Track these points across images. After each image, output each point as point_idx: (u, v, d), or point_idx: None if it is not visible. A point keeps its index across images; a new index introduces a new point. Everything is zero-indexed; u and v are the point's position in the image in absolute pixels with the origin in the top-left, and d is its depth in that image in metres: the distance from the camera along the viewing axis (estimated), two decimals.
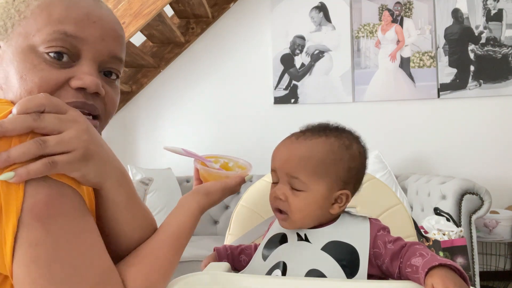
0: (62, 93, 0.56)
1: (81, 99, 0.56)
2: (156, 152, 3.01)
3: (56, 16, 0.55)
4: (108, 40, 0.59)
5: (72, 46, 0.56)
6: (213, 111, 3.02)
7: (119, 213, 0.56)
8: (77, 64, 0.57)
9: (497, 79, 2.74)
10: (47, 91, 0.53)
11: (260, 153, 2.96)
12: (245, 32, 3.02)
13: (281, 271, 0.66)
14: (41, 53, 0.55)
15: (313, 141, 0.69)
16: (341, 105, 2.88)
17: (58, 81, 0.55)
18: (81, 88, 0.56)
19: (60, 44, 0.55)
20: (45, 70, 0.55)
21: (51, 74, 0.55)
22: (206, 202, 0.69)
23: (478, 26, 2.78)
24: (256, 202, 0.98)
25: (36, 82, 0.54)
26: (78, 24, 0.56)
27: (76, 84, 0.56)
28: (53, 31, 0.55)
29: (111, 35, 0.59)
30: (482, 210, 1.98)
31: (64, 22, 0.55)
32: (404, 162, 2.79)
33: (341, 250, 0.65)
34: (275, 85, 2.95)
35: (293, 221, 0.68)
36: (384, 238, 0.66)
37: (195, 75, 3.05)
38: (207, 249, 2.13)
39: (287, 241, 0.71)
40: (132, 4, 2.31)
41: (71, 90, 0.56)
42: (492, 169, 2.70)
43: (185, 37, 3.01)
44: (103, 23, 0.59)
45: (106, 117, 0.62)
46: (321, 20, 2.94)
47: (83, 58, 0.57)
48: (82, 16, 0.56)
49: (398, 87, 2.84)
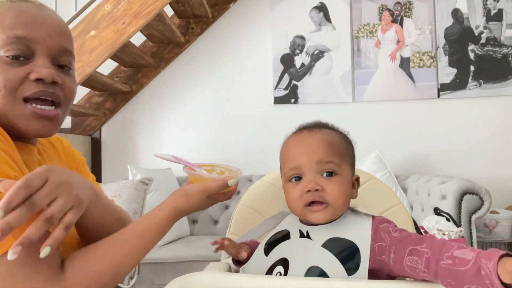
0: (25, 87, 0.65)
1: (41, 88, 0.66)
2: (156, 152, 3.01)
3: (7, 24, 0.65)
4: (55, 36, 0.68)
5: (26, 47, 0.65)
6: (213, 111, 3.02)
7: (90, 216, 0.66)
8: (33, 61, 0.66)
9: (497, 79, 2.74)
10: (11, 88, 0.64)
11: (260, 153, 2.97)
12: (245, 32, 3.02)
13: (283, 267, 0.66)
14: (1, 57, 0.64)
15: (325, 131, 0.72)
16: (341, 105, 2.88)
17: (19, 77, 0.65)
18: (39, 80, 0.65)
19: (15, 46, 0.64)
20: (7, 71, 0.64)
21: (12, 73, 0.64)
22: (185, 204, 0.69)
23: (478, 26, 2.78)
24: (256, 202, 0.99)
25: (1, 82, 0.64)
26: (27, 27, 0.66)
27: (34, 76, 0.65)
28: (7, 37, 0.64)
29: (57, 31, 0.69)
30: (482, 210, 1.98)
31: (15, 27, 0.65)
32: (404, 162, 2.79)
33: (341, 246, 0.65)
34: (275, 85, 2.95)
35: (334, 208, 0.67)
36: (387, 228, 0.66)
37: (195, 75, 3.05)
38: (207, 249, 2.13)
39: (289, 238, 0.71)
40: (132, 4, 2.31)
41: (32, 82, 0.65)
42: (492, 169, 2.70)
43: (185, 37, 3.01)
44: (48, 23, 0.68)
45: (66, 103, 0.72)
46: (321, 20, 2.94)
47: (37, 54, 0.67)
48: (29, 20, 0.66)
49: (398, 87, 2.84)
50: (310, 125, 0.75)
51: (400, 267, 0.61)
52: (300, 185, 0.69)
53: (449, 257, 0.56)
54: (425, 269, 0.58)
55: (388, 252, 0.62)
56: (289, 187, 0.71)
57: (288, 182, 0.71)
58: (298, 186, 0.69)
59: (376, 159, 2.50)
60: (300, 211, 0.69)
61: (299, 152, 0.70)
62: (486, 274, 0.51)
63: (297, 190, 0.69)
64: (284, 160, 0.73)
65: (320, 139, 0.70)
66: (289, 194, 0.70)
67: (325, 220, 0.68)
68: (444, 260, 0.56)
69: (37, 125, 0.67)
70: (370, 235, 0.65)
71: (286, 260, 0.67)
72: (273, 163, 1.97)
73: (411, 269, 0.60)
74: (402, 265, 0.60)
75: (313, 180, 0.67)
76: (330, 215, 0.68)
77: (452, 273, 0.55)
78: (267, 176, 1.02)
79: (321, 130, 0.72)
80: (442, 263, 0.56)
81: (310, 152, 0.69)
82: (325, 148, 0.69)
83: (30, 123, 0.66)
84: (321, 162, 0.68)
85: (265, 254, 0.71)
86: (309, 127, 0.74)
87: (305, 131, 0.73)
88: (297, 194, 0.69)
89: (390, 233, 0.64)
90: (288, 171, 0.71)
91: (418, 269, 0.58)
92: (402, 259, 0.60)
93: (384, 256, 0.63)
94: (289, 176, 0.71)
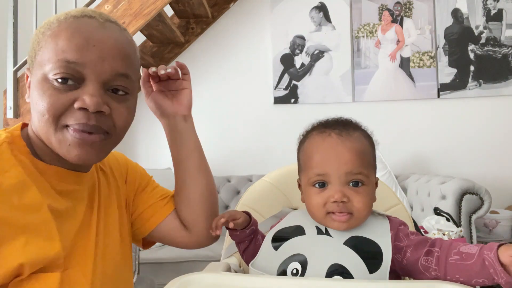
0: (68, 115, 0.62)
1: (83, 121, 0.62)
2: (156, 152, 3.01)
3: (60, 45, 0.62)
4: (108, 60, 0.63)
5: (75, 71, 0.61)
6: (213, 111, 3.02)
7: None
8: (82, 86, 0.62)
9: (497, 79, 2.74)
10: (54, 114, 0.61)
11: (260, 153, 2.97)
12: (245, 32, 3.02)
13: (300, 264, 0.65)
14: (50, 80, 0.61)
15: (355, 135, 0.70)
16: (341, 105, 2.87)
17: (64, 104, 0.61)
18: (84, 108, 0.61)
19: (64, 70, 0.61)
20: (53, 96, 0.61)
21: (57, 99, 0.61)
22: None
23: (478, 26, 2.78)
24: (256, 202, 0.99)
25: (45, 106, 0.61)
26: (78, 50, 0.61)
27: (78, 105, 0.61)
28: (57, 60, 0.61)
29: (112, 54, 0.64)
30: (482, 210, 1.98)
31: (66, 50, 0.61)
32: (404, 162, 2.79)
33: (363, 245, 0.65)
34: (275, 85, 2.95)
35: (357, 218, 0.66)
36: (405, 231, 0.68)
37: (195, 75, 3.03)
38: (207, 249, 2.12)
39: (303, 233, 0.70)
40: (132, 4, 2.31)
41: (76, 111, 0.62)
42: (492, 169, 2.70)
43: (185, 37, 3.01)
44: (103, 45, 0.63)
45: (117, 132, 0.68)
46: (321, 20, 2.94)
47: (87, 80, 0.62)
48: (82, 42, 0.62)
49: (398, 87, 2.84)
50: (337, 124, 0.71)
51: (415, 266, 0.64)
52: (325, 193, 0.67)
53: (456, 253, 0.60)
54: (436, 266, 0.62)
55: (404, 252, 0.65)
56: (313, 192, 0.68)
57: (311, 186, 0.69)
58: (323, 194, 0.67)
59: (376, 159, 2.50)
60: (322, 218, 0.68)
61: (328, 159, 0.67)
62: (489, 264, 0.56)
63: (321, 198, 0.67)
64: (309, 163, 0.70)
65: (351, 149, 0.67)
66: (312, 200, 0.68)
67: (345, 229, 0.66)
68: (452, 256, 0.60)
69: (78, 151, 0.63)
70: (390, 234, 0.66)
71: (303, 257, 0.65)
72: (273, 163, 1.98)
73: (425, 268, 0.63)
74: (417, 264, 0.64)
75: (340, 190, 0.65)
76: (351, 225, 0.66)
77: (460, 268, 0.59)
78: (267, 176, 1.02)
79: (350, 135, 0.69)
80: (451, 259, 0.60)
81: (340, 162, 0.66)
82: (355, 158, 0.66)
83: (71, 149, 0.62)
84: (350, 174, 0.66)
85: (275, 249, 0.69)
86: (337, 129, 0.70)
87: (334, 135, 0.69)
88: (321, 201, 0.67)
89: (408, 235, 0.67)
90: (313, 176, 0.68)
91: (431, 268, 0.62)
92: (418, 259, 0.64)
93: (398, 255, 0.65)
94: (313, 181, 0.68)
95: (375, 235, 0.66)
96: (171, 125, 0.85)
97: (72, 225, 0.66)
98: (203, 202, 0.83)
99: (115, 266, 0.73)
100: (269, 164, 2.24)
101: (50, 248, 0.60)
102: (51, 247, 0.60)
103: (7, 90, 2.26)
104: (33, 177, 0.62)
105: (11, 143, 0.63)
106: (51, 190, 0.64)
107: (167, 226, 0.83)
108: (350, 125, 0.72)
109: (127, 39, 0.68)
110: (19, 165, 0.61)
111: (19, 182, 0.60)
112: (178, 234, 0.84)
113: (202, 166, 0.86)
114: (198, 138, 0.88)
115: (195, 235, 0.84)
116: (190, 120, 0.86)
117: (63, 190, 0.66)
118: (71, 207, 0.67)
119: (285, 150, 2.28)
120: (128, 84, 0.67)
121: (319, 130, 0.72)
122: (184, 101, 0.84)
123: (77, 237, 0.66)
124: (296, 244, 0.68)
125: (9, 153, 0.62)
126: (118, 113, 0.66)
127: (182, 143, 0.84)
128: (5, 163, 0.60)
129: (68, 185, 0.67)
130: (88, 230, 0.69)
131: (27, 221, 0.59)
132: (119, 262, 0.75)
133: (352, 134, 0.69)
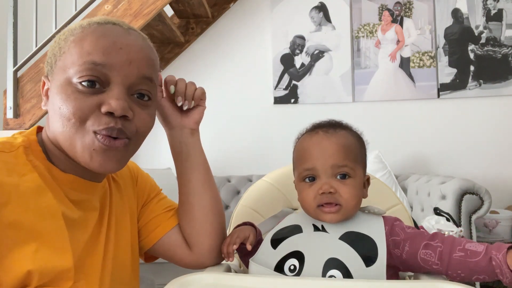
0: (94, 118, 0.60)
1: (111, 125, 0.60)
2: (156, 152, 3.01)
3: (86, 48, 0.61)
4: (135, 63, 0.63)
5: (102, 74, 0.61)
6: (213, 111, 3.01)
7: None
8: (108, 90, 0.61)
9: (497, 79, 2.74)
10: (81, 118, 0.60)
11: (260, 153, 2.97)
12: (245, 32, 3.01)
13: (297, 260, 0.66)
14: (74, 83, 0.60)
15: (341, 133, 0.73)
16: (341, 105, 2.87)
17: (90, 108, 0.60)
18: (110, 112, 0.60)
19: (90, 73, 0.60)
20: (78, 99, 0.60)
21: (83, 102, 0.60)
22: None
23: (478, 26, 2.78)
24: (256, 202, 0.99)
25: (70, 111, 0.59)
26: (105, 52, 0.61)
27: (104, 109, 0.60)
28: (83, 62, 0.60)
29: (137, 58, 0.64)
30: (482, 210, 1.98)
31: (93, 52, 0.60)
32: (404, 162, 2.79)
33: (358, 239, 0.67)
34: (275, 85, 2.95)
35: (346, 209, 0.70)
36: (401, 225, 0.71)
37: (195, 75, 3.04)
38: None
39: (301, 231, 0.72)
40: (132, 4, 2.31)
41: (102, 115, 0.61)
42: (492, 169, 2.70)
43: (185, 37, 3.01)
44: (130, 48, 0.63)
45: (137, 137, 0.66)
46: (321, 20, 2.94)
47: (113, 83, 0.62)
48: (109, 44, 0.61)
49: (398, 87, 2.84)
50: (326, 124, 0.76)
51: (414, 259, 0.66)
52: (314, 186, 0.71)
53: (461, 250, 0.63)
54: (438, 261, 0.64)
55: (403, 246, 0.67)
56: (303, 187, 0.73)
57: (302, 181, 0.73)
58: (312, 187, 0.71)
59: (376, 159, 2.50)
60: (313, 211, 0.71)
61: (315, 154, 0.72)
62: (496, 264, 0.59)
63: (311, 191, 0.71)
64: (299, 159, 0.74)
65: (336, 143, 0.71)
66: (303, 194, 0.73)
67: (337, 220, 0.70)
68: (457, 253, 0.63)
69: (102, 157, 0.61)
70: (384, 229, 0.68)
71: (300, 253, 0.67)
72: (273, 163, 1.98)
73: (424, 261, 0.65)
74: (416, 258, 0.66)
75: (328, 182, 0.70)
76: (342, 216, 0.70)
77: (463, 264, 0.62)
78: (267, 176, 1.02)
79: (337, 132, 0.73)
80: (455, 255, 0.63)
81: (326, 155, 0.71)
82: (340, 152, 0.71)
83: (95, 155, 0.61)
84: (336, 166, 0.70)
85: (273, 247, 0.71)
86: (324, 127, 0.75)
87: (321, 132, 0.74)
88: (311, 194, 0.71)
89: (404, 229, 0.69)
90: (303, 171, 0.73)
91: (431, 262, 0.64)
92: (417, 252, 0.66)
93: (397, 250, 0.67)
94: (303, 176, 0.73)
95: (369, 230, 0.69)
96: (175, 137, 0.82)
97: (82, 235, 0.64)
98: (206, 221, 0.79)
99: (124, 277, 0.72)
100: (269, 164, 2.23)
101: (61, 259, 0.58)
102: (63, 258, 0.59)
103: (7, 90, 2.26)
104: (48, 183, 0.61)
105: (27, 148, 0.63)
106: (65, 198, 0.63)
107: (170, 239, 0.80)
108: (338, 125, 0.76)
109: (150, 46, 0.69)
110: (34, 171, 0.60)
111: (36, 186, 0.59)
112: (179, 251, 0.80)
113: (206, 182, 0.82)
114: (204, 153, 0.84)
115: (196, 254, 0.79)
116: (197, 134, 0.83)
117: (76, 199, 0.65)
118: (83, 216, 0.65)
119: (285, 150, 2.27)
120: (151, 88, 0.67)
121: (309, 130, 0.77)
122: (195, 115, 0.82)
123: (86, 248, 0.65)
124: (293, 242, 0.70)
125: (25, 158, 0.61)
126: (141, 118, 0.65)
127: (187, 156, 0.82)
128: (22, 167, 0.59)
129: (81, 194, 0.66)
130: (97, 241, 0.68)
131: (41, 227, 0.57)
132: (129, 274, 0.74)
133: (339, 132, 0.74)
